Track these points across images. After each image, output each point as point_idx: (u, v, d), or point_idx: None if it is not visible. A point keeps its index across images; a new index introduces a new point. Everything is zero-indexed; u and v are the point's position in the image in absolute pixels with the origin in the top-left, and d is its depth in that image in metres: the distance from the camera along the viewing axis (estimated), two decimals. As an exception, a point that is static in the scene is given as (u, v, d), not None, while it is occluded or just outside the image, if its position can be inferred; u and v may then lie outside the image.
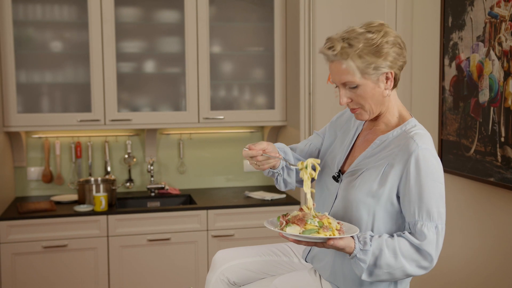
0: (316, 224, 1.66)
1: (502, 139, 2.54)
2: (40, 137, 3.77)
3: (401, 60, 1.79)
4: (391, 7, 3.42)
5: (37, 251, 3.30)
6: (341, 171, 1.91)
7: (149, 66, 3.67)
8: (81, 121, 3.53)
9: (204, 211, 3.49)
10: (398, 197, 1.76)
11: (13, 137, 3.64)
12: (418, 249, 1.69)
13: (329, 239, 1.64)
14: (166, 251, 3.45)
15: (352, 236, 1.70)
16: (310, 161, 1.83)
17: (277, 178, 1.97)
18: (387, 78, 1.79)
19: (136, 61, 3.65)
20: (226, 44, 3.75)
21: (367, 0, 3.44)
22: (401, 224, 1.79)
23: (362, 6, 3.43)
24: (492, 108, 2.61)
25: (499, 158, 2.57)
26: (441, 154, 3.04)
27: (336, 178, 1.90)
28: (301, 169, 1.83)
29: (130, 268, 3.42)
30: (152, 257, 3.44)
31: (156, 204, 3.79)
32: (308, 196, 1.81)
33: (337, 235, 1.65)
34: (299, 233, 1.66)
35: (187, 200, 3.83)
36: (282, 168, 1.94)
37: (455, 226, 3.02)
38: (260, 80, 3.81)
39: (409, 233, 1.73)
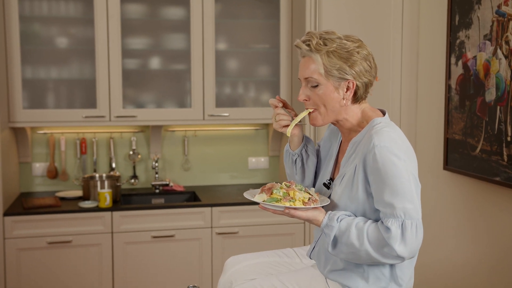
0: (281, 194, 1.80)
1: (509, 139, 2.53)
2: (45, 133, 3.78)
3: (367, 76, 1.84)
4: (397, 6, 3.41)
5: (42, 247, 3.31)
6: (332, 179, 1.97)
7: (155, 63, 3.67)
8: (86, 117, 3.53)
9: (209, 208, 3.49)
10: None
11: (19, 133, 3.64)
12: (384, 241, 1.73)
13: (286, 208, 1.77)
14: (170, 248, 3.46)
15: (327, 211, 1.82)
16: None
17: (295, 162, 2.03)
18: (347, 88, 1.83)
19: (142, 58, 3.65)
20: (231, 41, 3.75)
21: (373, -2, 3.43)
22: None
23: (369, 3, 3.41)
24: (498, 107, 2.60)
25: (505, 157, 2.56)
26: (446, 153, 3.03)
27: (327, 185, 1.96)
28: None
29: (134, 265, 3.42)
30: (156, 253, 3.44)
31: (161, 200, 3.79)
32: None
33: (298, 206, 1.78)
34: (263, 201, 1.80)
35: (191, 197, 3.83)
36: (302, 152, 2.03)
37: (461, 226, 3.01)
38: (265, 77, 3.80)
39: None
